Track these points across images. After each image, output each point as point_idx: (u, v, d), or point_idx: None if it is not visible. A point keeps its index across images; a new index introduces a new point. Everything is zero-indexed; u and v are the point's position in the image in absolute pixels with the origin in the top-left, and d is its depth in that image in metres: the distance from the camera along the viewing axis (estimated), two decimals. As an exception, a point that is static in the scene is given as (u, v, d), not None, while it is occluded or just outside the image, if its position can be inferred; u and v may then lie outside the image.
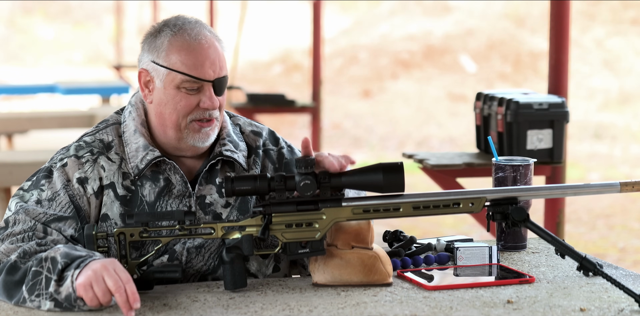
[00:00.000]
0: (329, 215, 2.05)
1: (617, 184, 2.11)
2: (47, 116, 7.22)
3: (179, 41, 2.16)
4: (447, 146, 10.68)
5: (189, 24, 2.19)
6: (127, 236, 2.03)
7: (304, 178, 2.02)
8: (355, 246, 2.08)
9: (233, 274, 2.03)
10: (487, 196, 2.09)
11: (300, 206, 2.05)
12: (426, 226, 6.91)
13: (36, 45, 20.53)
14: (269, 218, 2.04)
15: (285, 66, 15.01)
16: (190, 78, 2.15)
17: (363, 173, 2.04)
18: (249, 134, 2.32)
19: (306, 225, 2.05)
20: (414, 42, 14.37)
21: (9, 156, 4.94)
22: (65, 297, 1.91)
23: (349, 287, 2.08)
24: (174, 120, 2.18)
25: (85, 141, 2.22)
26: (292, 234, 2.05)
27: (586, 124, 11.12)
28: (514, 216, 2.09)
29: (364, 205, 2.06)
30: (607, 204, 7.64)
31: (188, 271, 2.19)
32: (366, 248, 2.09)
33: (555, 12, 3.93)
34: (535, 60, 13.40)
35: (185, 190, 2.20)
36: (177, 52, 2.15)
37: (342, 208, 2.05)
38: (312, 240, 2.05)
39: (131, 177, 2.19)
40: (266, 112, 7.39)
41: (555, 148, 3.92)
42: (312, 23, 7.23)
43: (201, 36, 2.17)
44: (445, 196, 2.08)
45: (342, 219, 2.06)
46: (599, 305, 1.95)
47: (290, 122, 11.79)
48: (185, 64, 2.15)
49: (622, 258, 6.06)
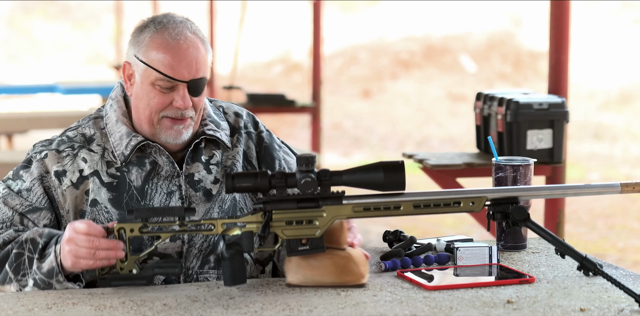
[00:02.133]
0: (330, 213, 2.05)
1: (618, 185, 2.12)
2: (47, 116, 7.22)
3: (158, 39, 2.19)
4: (447, 146, 10.68)
5: (173, 22, 2.22)
6: (127, 232, 2.05)
7: (305, 175, 2.02)
8: (328, 247, 2.07)
9: (233, 270, 2.02)
10: (488, 195, 2.09)
11: (301, 204, 2.05)
12: (426, 226, 6.91)
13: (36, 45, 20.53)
14: (270, 215, 2.04)
15: (285, 66, 15.01)
16: (164, 77, 2.19)
17: (364, 171, 2.04)
18: (231, 114, 2.39)
19: (306, 222, 2.05)
20: (414, 42, 14.38)
21: (9, 156, 4.95)
22: (47, 271, 2.03)
23: (349, 287, 2.08)
24: (147, 115, 2.24)
25: (68, 136, 2.28)
26: (292, 232, 2.05)
27: (586, 124, 11.12)
28: (514, 216, 2.09)
29: (365, 203, 2.06)
30: (607, 204, 7.64)
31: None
32: (338, 249, 2.08)
33: (555, 12, 3.93)
34: (535, 60, 13.40)
35: (174, 170, 2.26)
36: (155, 50, 2.19)
37: (342, 206, 2.05)
38: (312, 238, 2.05)
39: (116, 164, 2.24)
40: (266, 112, 7.39)
41: (555, 148, 3.93)
42: (312, 23, 7.23)
43: (181, 36, 2.20)
44: (446, 195, 2.08)
45: (342, 217, 2.06)
46: (599, 305, 1.95)
47: (290, 122, 11.79)
48: (162, 62, 2.18)
49: (622, 258, 6.06)
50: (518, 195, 2.11)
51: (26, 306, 1.95)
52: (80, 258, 2.02)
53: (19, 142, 8.57)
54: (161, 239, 2.07)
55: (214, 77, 9.54)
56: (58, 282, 2.06)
